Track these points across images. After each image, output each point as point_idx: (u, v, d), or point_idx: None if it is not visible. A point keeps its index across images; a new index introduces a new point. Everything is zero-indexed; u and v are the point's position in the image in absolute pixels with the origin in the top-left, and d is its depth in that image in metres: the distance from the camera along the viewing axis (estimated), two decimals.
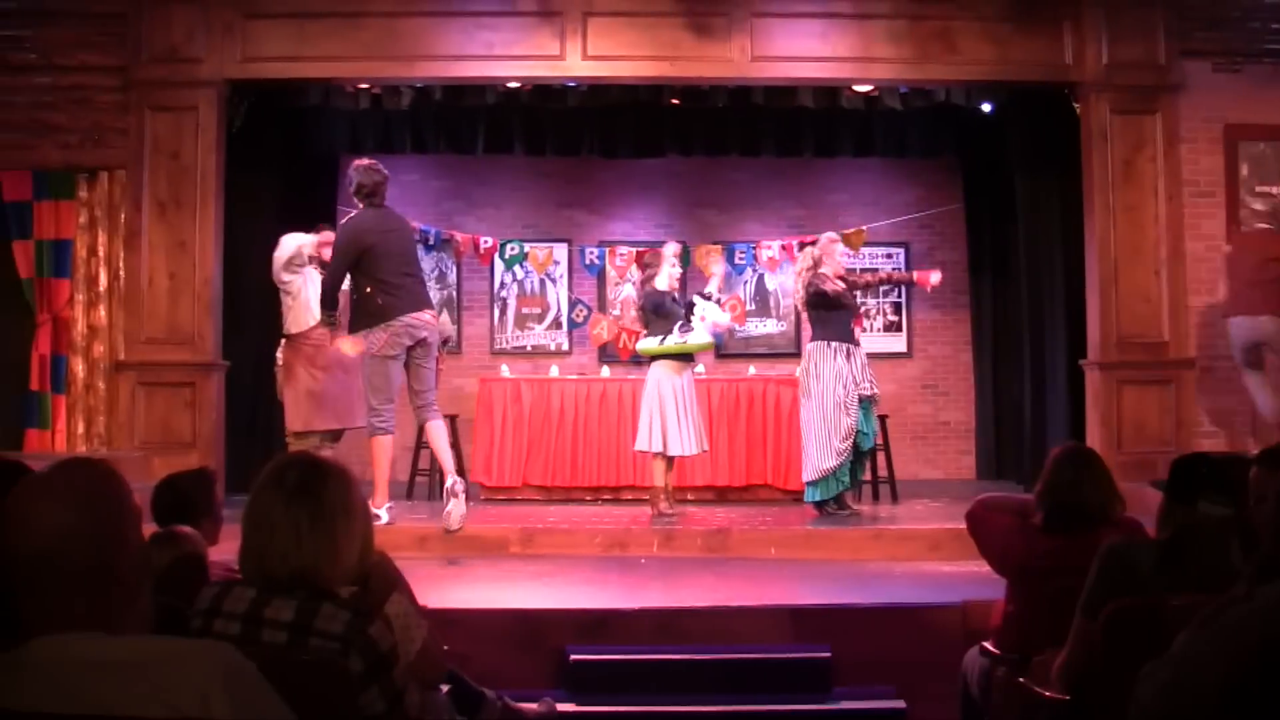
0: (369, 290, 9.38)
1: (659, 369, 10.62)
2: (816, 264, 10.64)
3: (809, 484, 10.55)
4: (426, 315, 9.56)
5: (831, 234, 11.29)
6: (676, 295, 10.90)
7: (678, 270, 10.99)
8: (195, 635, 3.24)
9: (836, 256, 10.79)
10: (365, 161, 9.75)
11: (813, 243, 11.17)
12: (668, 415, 10.49)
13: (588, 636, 7.13)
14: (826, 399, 10.35)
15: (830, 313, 10.55)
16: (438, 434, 9.79)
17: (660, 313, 10.59)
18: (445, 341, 11.48)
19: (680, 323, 10.57)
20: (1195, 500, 4.29)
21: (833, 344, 10.44)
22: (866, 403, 10.49)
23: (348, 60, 11.10)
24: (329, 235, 10.35)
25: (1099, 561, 4.30)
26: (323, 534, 3.33)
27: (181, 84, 10.99)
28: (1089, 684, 4.18)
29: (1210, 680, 3.21)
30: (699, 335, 10.62)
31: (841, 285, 10.64)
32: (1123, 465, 9.86)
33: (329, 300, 9.64)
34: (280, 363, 10.60)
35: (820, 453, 10.38)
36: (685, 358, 10.71)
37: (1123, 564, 4.25)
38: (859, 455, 10.63)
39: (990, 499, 5.67)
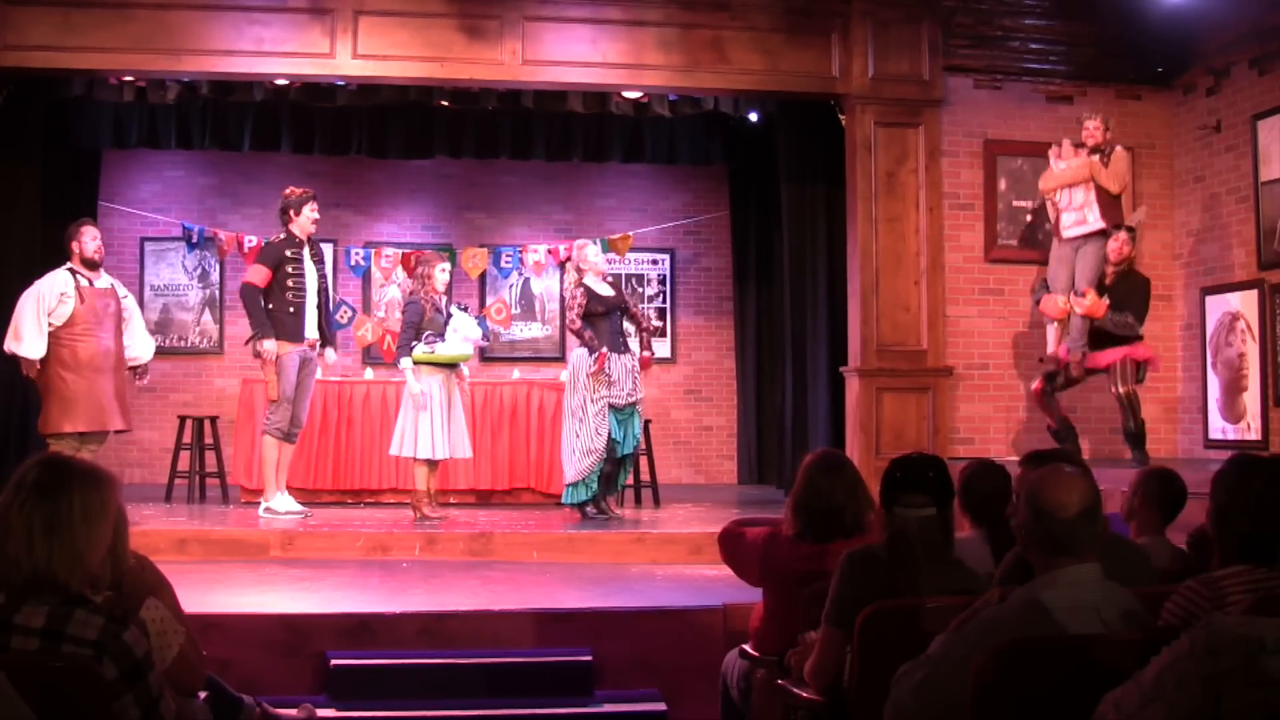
0: None
1: (419, 373, 10.59)
2: (580, 276, 10.70)
3: (568, 486, 10.64)
4: None
5: (581, 241, 11.36)
6: (440, 304, 10.85)
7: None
8: None
9: (591, 259, 10.81)
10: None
11: (565, 260, 11.19)
12: (422, 419, 10.50)
13: (350, 640, 7.07)
14: (582, 403, 10.43)
15: (599, 320, 10.60)
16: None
17: (420, 327, 10.56)
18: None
19: (429, 334, 10.55)
20: (893, 505, 4.44)
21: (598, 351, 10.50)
22: (630, 409, 10.57)
23: (115, 52, 10.78)
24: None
25: (839, 570, 4.41)
26: (59, 537, 3.27)
27: None
28: (849, 684, 4.29)
29: (963, 678, 3.32)
30: (451, 347, 10.63)
31: (611, 292, 10.72)
32: (881, 471, 10.06)
33: None
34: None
35: (574, 456, 10.48)
36: (446, 364, 10.70)
37: (862, 571, 4.36)
38: (619, 460, 10.72)
39: (741, 519, 5.82)
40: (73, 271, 10.12)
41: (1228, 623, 2.71)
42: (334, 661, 6.88)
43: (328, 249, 14.12)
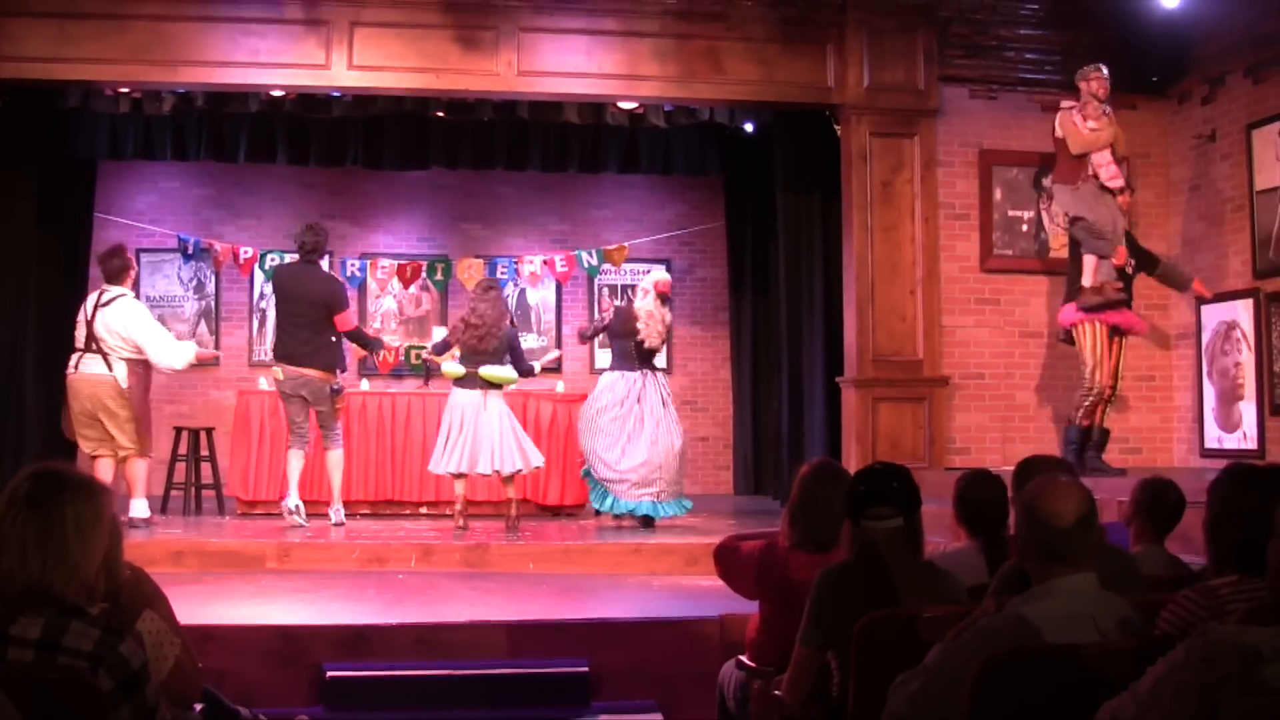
0: None
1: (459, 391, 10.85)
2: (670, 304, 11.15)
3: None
4: (288, 367, 10.67)
5: (662, 278, 11.60)
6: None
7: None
8: None
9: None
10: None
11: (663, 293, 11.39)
12: (446, 433, 10.72)
13: (346, 651, 7.06)
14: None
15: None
16: (331, 463, 11.00)
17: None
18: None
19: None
20: (859, 518, 4.43)
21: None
22: None
23: (111, 63, 10.79)
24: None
25: (816, 589, 4.40)
26: (54, 549, 3.25)
27: None
28: (837, 695, 4.28)
29: (959, 688, 3.32)
30: (505, 370, 10.85)
31: None
32: None
33: None
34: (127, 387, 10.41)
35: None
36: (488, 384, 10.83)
37: (840, 587, 4.36)
38: None
39: (737, 534, 5.81)
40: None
41: (1224, 632, 2.71)
42: (330, 673, 6.87)
43: (323, 260, 14.17)
